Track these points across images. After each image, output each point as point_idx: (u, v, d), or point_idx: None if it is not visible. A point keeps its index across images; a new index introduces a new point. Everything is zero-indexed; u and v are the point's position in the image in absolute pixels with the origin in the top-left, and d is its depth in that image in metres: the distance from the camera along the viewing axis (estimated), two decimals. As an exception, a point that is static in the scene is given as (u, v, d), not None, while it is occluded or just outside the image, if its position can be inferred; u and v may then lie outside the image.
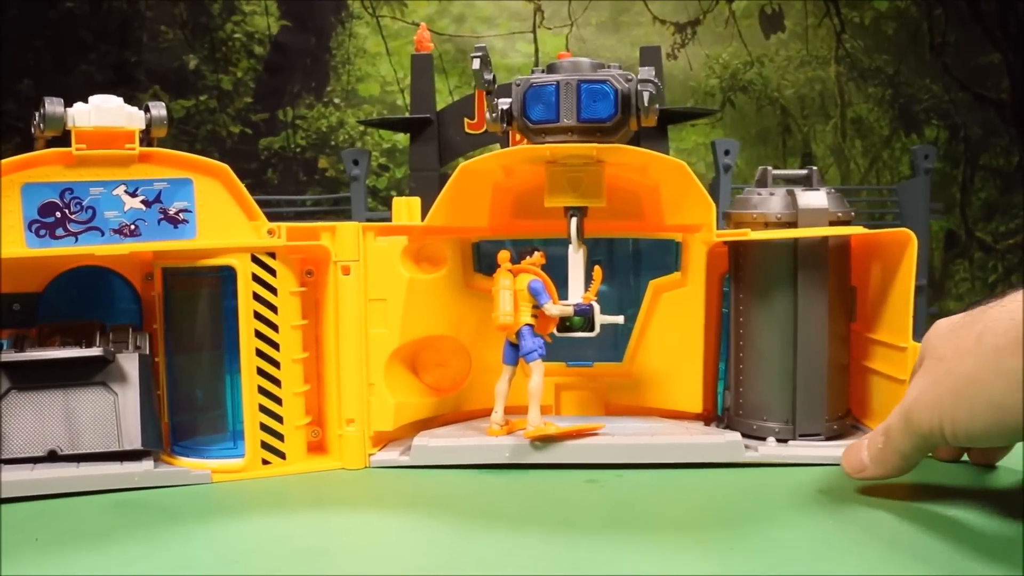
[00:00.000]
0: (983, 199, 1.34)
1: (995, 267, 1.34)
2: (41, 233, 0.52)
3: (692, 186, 0.59)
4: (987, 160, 1.34)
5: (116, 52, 1.15)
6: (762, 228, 0.60)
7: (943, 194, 1.30)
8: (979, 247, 1.34)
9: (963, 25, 1.32)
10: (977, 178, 1.33)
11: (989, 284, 1.34)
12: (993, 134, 1.34)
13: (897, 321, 0.59)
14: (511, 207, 0.67)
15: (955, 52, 1.32)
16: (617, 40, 1.24)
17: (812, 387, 0.60)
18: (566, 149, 0.57)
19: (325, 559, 0.44)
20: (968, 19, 1.32)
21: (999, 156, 1.35)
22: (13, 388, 0.53)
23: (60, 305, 0.58)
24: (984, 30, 1.32)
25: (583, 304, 0.60)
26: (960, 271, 1.33)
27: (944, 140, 1.32)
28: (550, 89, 0.57)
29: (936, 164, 1.20)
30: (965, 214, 1.34)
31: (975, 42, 1.32)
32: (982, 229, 1.34)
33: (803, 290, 0.59)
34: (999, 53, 1.33)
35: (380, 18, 1.21)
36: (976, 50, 1.32)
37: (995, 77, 1.33)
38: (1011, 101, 1.33)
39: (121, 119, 0.54)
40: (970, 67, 1.32)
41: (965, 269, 1.33)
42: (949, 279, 1.32)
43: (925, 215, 1.14)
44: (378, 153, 1.20)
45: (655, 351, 0.66)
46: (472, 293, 0.65)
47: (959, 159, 1.33)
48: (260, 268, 0.58)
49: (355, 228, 0.61)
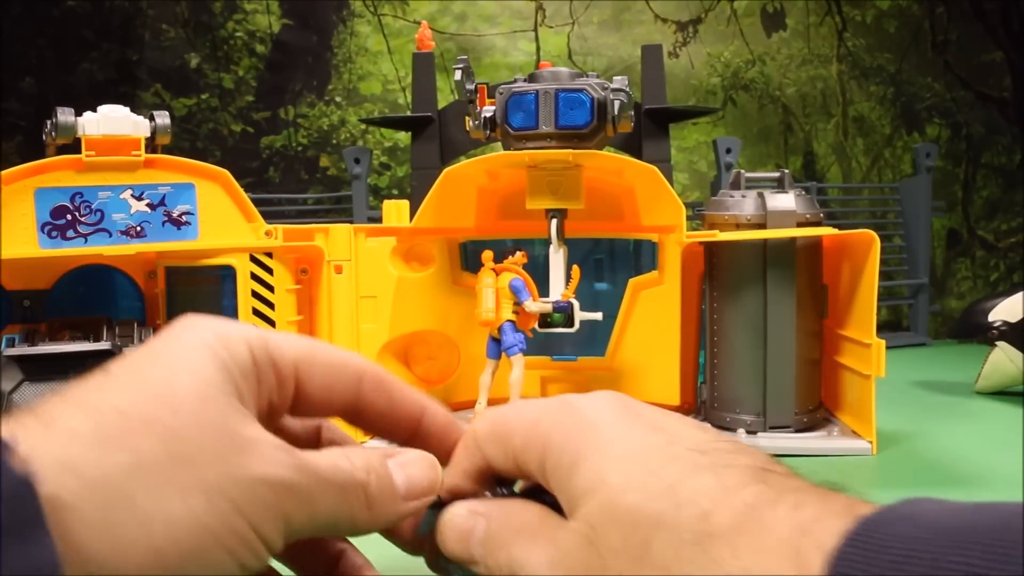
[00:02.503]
0: (985, 197, 1.34)
1: (997, 265, 1.35)
2: (53, 235, 0.55)
3: (663, 190, 0.62)
4: (989, 158, 1.34)
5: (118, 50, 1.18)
6: (734, 229, 0.63)
7: (945, 192, 1.31)
8: (981, 245, 1.35)
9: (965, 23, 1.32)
10: (979, 176, 1.34)
11: (991, 282, 1.34)
12: (995, 132, 1.34)
13: (863, 318, 0.61)
14: (496, 209, 0.70)
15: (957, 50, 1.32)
16: (619, 38, 1.26)
17: (781, 381, 0.62)
18: (545, 155, 0.60)
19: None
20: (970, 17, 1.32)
21: (1001, 154, 1.35)
22: (25, 380, 0.54)
23: (67, 301, 0.60)
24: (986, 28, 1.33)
25: (562, 301, 0.62)
26: (962, 269, 1.34)
27: (946, 138, 1.32)
28: (530, 98, 0.59)
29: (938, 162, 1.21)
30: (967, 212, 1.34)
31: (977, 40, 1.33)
32: (984, 227, 1.35)
33: (772, 288, 0.61)
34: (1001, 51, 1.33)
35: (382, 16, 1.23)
36: (978, 48, 1.33)
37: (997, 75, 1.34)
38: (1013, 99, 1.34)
39: (127, 127, 0.57)
40: (972, 65, 1.33)
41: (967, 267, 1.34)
42: (951, 277, 1.33)
43: (927, 213, 1.15)
44: (379, 152, 1.23)
45: (634, 346, 0.69)
46: (459, 291, 0.68)
47: (961, 157, 1.34)
48: (258, 267, 0.61)
49: (347, 229, 0.65)
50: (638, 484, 0.23)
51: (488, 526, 0.27)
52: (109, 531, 0.21)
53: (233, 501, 0.23)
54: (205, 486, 0.23)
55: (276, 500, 0.24)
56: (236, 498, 0.23)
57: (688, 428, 0.26)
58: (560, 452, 0.26)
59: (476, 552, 0.28)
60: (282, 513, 0.24)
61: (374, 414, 0.30)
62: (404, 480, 0.28)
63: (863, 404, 0.62)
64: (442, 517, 0.29)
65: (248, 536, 0.23)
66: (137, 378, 0.24)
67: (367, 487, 0.26)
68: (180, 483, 0.22)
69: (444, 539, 0.28)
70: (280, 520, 0.24)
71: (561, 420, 0.26)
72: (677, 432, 0.25)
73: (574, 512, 0.25)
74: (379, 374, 0.30)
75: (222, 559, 0.23)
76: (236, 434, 0.24)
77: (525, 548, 0.26)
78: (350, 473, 0.26)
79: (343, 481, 0.26)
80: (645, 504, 0.23)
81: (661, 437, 0.25)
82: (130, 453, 0.22)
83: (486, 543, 0.27)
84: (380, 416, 0.30)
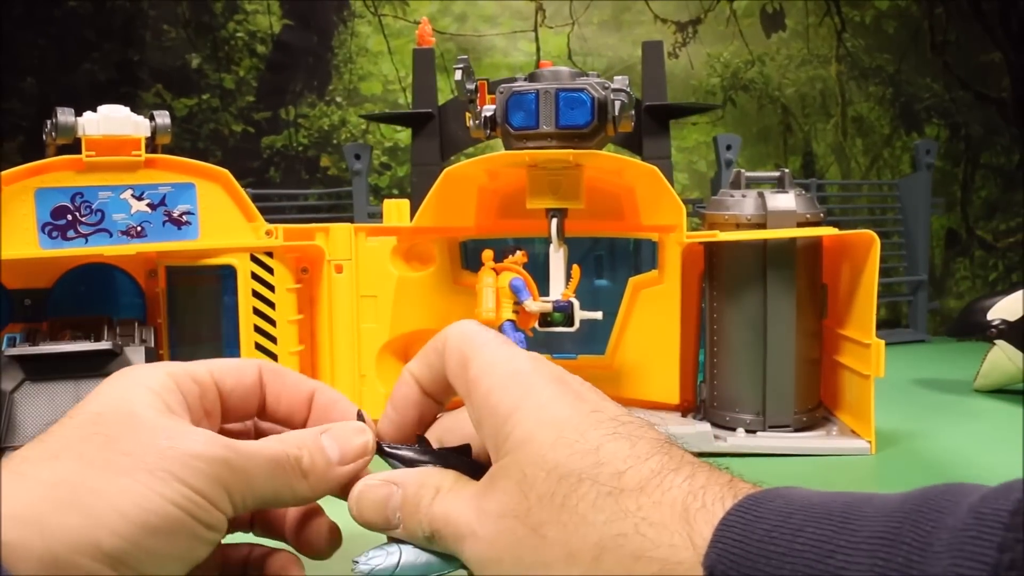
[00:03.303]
0: (984, 197, 1.35)
1: (995, 265, 1.35)
2: (53, 235, 0.55)
3: (664, 190, 0.62)
4: (988, 158, 1.35)
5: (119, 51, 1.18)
6: (734, 229, 0.63)
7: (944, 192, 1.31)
8: (980, 245, 1.35)
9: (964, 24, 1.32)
10: (978, 176, 1.34)
11: (990, 282, 1.35)
12: (994, 132, 1.34)
13: (862, 318, 0.61)
14: (497, 208, 0.70)
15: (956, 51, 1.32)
16: (619, 39, 1.26)
17: (781, 380, 0.62)
18: (545, 155, 0.60)
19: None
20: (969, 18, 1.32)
21: (1000, 155, 1.35)
22: (27, 379, 0.54)
23: (68, 300, 0.61)
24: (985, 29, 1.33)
25: (562, 301, 0.62)
26: (961, 269, 1.34)
27: (945, 138, 1.32)
28: (530, 97, 0.59)
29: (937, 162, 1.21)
30: (966, 212, 1.34)
31: (976, 41, 1.33)
32: (983, 227, 1.35)
33: (772, 288, 0.62)
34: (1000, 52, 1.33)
35: (382, 17, 1.23)
36: (977, 49, 1.33)
37: (996, 76, 1.34)
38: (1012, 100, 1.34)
39: (128, 127, 0.57)
40: (971, 66, 1.33)
41: (966, 267, 1.34)
42: (950, 277, 1.33)
43: (926, 210, 1.15)
44: (380, 152, 1.23)
45: (634, 345, 0.69)
46: (460, 290, 0.68)
47: (960, 157, 1.34)
48: (258, 267, 0.61)
49: (347, 229, 0.65)
50: (567, 443, 0.27)
51: (404, 491, 0.31)
52: (65, 521, 0.25)
53: (174, 474, 0.26)
54: (147, 466, 0.26)
55: (213, 472, 0.27)
56: (176, 472, 0.27)
57: (607, 401, 0.30)
58: (498, 400, 0.29)
59: (393, 518, 0.30)
60: (221, 482, 0.27)
61: (273, 398, 0.34)
62: (336, 448, 0.31)
63: (862, 404, 0.62)
64: (355, 488, 0.31)
65: (195, 499, 0.27)
66: (78, 412, 0.29)
67: (300, 459, 0.30)
68: (125, 470, 0.26)
69: (361, 509, 0.31)
70: (220, 488, 0.28)
71: (499, 367, 0.30)
72: (598, 403, 0.29)
73: (502, 456, 0.28)
74: (274, 365, 0.35)
75: (180, 522, 0.26)
76: (169, 428, 0.28)
77: (446, 504, 0.29)
78: (281, 449, 0.30)
79: (274, 455, 0.30)
80: (572, 460, 0.27)
81: (586, 406, 0.29)
82: (77, 460, 0.26)
83: (404, 507, 0.30)
84: (279, 399, 0.35)
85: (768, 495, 0.25)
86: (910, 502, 0.23)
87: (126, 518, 0.25)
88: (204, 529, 0.27)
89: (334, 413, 0.35)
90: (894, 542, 0.21)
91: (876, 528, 0.22)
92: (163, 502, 0.26)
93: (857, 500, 0.24)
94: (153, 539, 0.26)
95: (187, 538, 0.27)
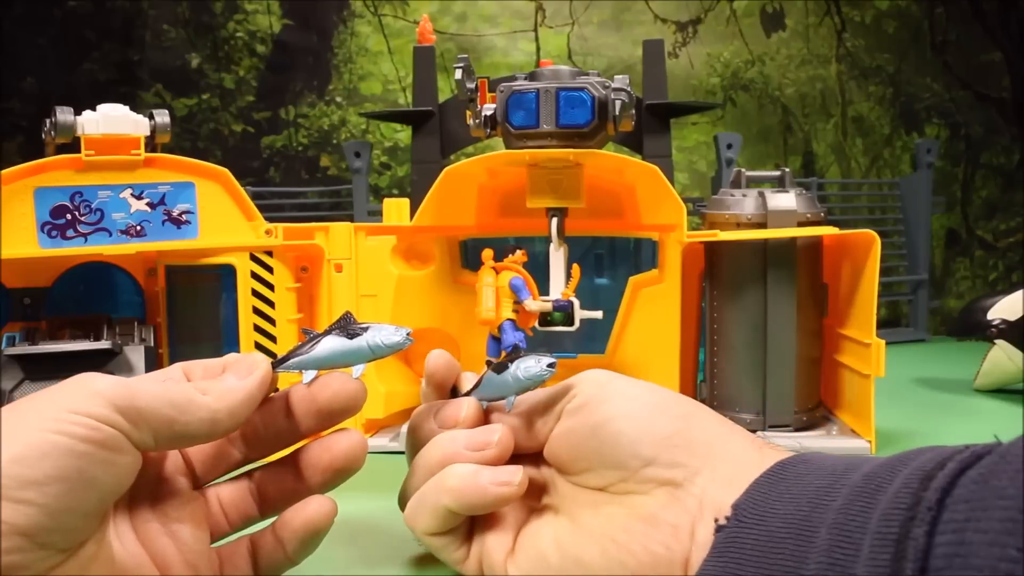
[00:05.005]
0: (984, 197, 1.34)
1: (996, 265, 1.35)
2: (53, 234, 0.55)
3: (664, 189, 0.62)
4: (988, 158, 1.35)
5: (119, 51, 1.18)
6: (734, 228, 0.63)
7: (944, 192, 1.31)
8: (980, 245, 1.35)
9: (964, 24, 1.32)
10: (978, 176, 1.34)
11: (990, 282, 1.35)
12: (994, 132, 1.34)
13: (862, 318, 0.61)
14: (497, 207, 0.70)
15: (956, 51, 1.32)
16: (619, 39, 1.26)
17: (781, 380, 0.62)
18: (545, 154, 0.60)
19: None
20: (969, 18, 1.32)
21: (1000, 154, 1.35)
22: (26, 378, 0.55)
23: (68, 299, 0.61)
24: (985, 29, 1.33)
25: (562, 300, 0.62)
26: (961, 269, 1.34)
27: (945, 138, 1.32)
28: (530, 96, 0.59)
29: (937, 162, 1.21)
30: (966, 212, 1.34)
31: (976, 41, 1.33)
32: (983, 227, 1.35)
33: (772, 287, 0.62)
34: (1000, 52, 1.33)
35: (382, 16, 1.23)
36: (977, 49, 1.33)
37: (996, 76, 1.34)
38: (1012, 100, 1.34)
39: (127, 126, 0.57)
40: (971, 66, 1.33)
41: (966, 267, 1.34)
42: (950, 277, 1.33)
43: (927, 209, 1.15)
44: (380, 151, 1.23)
45: (634, 344, 0.69)
46: (460, 289, 0.68)
47: (960, 157, 1.34)
48: (258, 266, 0.61)
49: (347, 228, 0.65)
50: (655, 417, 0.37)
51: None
52: None
53: (74, 409, 0.29)
54: (49, 411, 0.29)
55: (108, 400, 0.29)
56: (76, 407, 0.29)
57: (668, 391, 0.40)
58: (591, 387, 0.39)
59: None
60: (118, 408, 0.30)
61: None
62: (229, 365, 0.35)
63: (862, 403, 0.62)
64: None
65: (87, 422, 0.29)
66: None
67: (191, 378, 0.35)
68: (28, 410, 0.29)
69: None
70: (111, 409, 0.29)
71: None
72: (667, 392, 0.39)
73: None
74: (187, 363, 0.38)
75: (85, 452, 0.28)
76: (68, 388, 0.30)
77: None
78: (167, 373, 0.35)
79: (163, 377, 0.35)
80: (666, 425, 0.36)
81: (664, 394, 0.39)
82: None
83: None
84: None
85: (793, 460, 0.34)
86: (893, 457, 0.30)
87: (25, 442, 0.28)
88: (108, 452, 0.29)
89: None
90: (871, 477, 0.29)
91: (866, 471, 0.30)
92: (55, 427, 0.28)
93: (859, 460, 0.32)
94: (50, 463, 0.28)
95: (91, 462, 0.29)
